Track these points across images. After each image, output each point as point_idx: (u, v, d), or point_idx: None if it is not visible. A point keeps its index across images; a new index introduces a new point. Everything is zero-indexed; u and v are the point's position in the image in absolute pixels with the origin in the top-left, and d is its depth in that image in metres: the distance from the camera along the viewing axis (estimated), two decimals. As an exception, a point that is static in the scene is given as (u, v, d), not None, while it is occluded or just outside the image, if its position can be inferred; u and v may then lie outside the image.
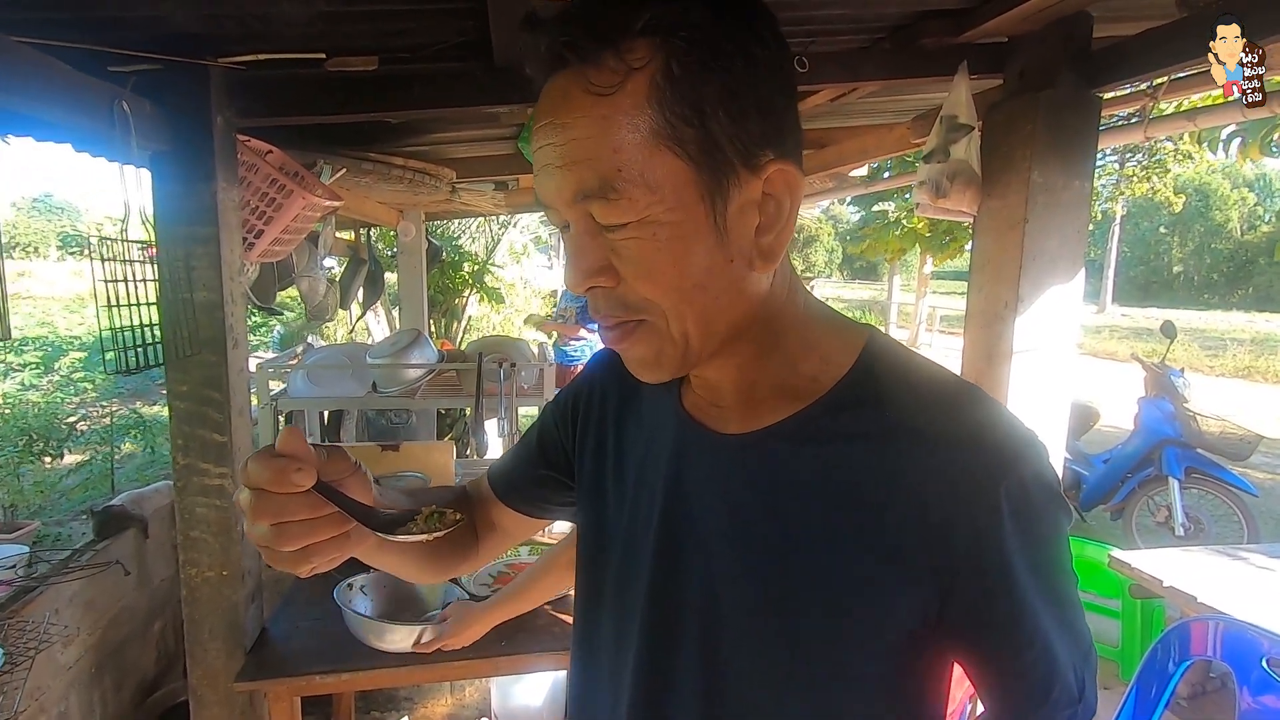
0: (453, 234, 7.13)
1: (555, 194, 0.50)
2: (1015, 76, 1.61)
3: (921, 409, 0.52)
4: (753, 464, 0.56)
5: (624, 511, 0.65)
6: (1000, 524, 0.49)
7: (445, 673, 1.68)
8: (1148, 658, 1.54)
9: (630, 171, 0.46)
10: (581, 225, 0.50)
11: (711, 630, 0.57)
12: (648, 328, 0.52)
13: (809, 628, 0.53)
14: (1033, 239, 1.55)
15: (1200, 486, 3.97)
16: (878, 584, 0.52)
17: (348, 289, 3.83)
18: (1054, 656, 0.53)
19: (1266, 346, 14.61)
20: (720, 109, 0.47)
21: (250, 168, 1.63)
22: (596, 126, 0.46)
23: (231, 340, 1.46)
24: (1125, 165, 13.78)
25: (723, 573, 0.57)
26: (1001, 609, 0.51)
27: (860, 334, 0.58)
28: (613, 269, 0.50)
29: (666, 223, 0.48)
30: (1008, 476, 0.50)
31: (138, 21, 1.23)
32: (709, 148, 0.47)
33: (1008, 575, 0.51)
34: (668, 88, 0.46)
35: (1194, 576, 2.16)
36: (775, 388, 0.56)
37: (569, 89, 0.47)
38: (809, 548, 0.53)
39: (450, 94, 1.60)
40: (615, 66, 0.46)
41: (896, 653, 0.53)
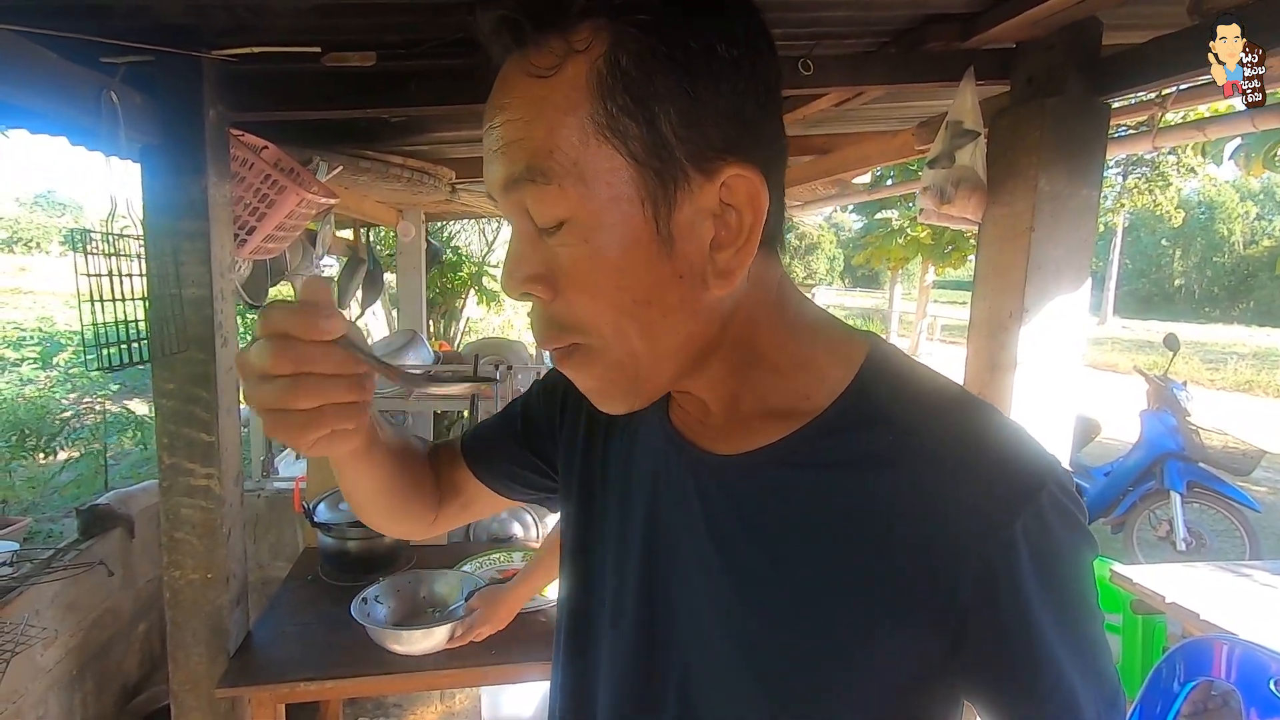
0: (451, 235, 7.12)
1: (491, 180, 0.47)
2: (1023, 83, 1.58)
3: (927, 431, 0.47)
4: (740, 489, 0.51)
5: (609, 520, 0.61)
6: (1017, 563, 0.44)
7: (434, 681, 1.65)
8: (1152, 676, 1.51)
9: (562, 157, 0.43)
10: (519, 224, 0.47)
11: (693, 667, 0.53)
12: (586, 352, 0.48)
13: (797, 671, 0.48)
14: (1039, 247, 1.52)
15: (1202, 501, 3.94)
16: (875, 625, 0.46)
17: (346, 288, 3.81)
18: (1078, 708, 0.47)
19: (1268, 361, 14.60)
20: (672, 107, 0.43)
21: (244, 163, 1.60)
22: (532, 108, 0.43)
23: (220, 338, 1.43)
24: (1128, 177, 13.78)
25: (704, 606, 0.52)
26: (1019, 657, 0.46)
27: (861, 345, 0.52)
28: (548, 279, 0.46)
29: (601, 225, 0.44)
30: (1025, 509, 0.44)
31: (127, 11, 1.21)
32: (655, 148, 0.43)
33: (1026, 620, 0.45)
34: (611, 76, 0.42)
35: (1196, 593, 2.13)
36: (764, 406, 0.51)
37: (510, 72, 0.45)
38: (799, 583, 0.48)
39: (449, 91, 1.58)
40: (556, 48, 0.42)
41: (894, 699, 0.48)
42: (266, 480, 2.21)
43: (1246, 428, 6.66)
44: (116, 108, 1.16)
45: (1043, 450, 0.47)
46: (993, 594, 0.44)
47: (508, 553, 1.95)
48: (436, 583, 1.64)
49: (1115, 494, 4.17)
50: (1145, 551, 4.01)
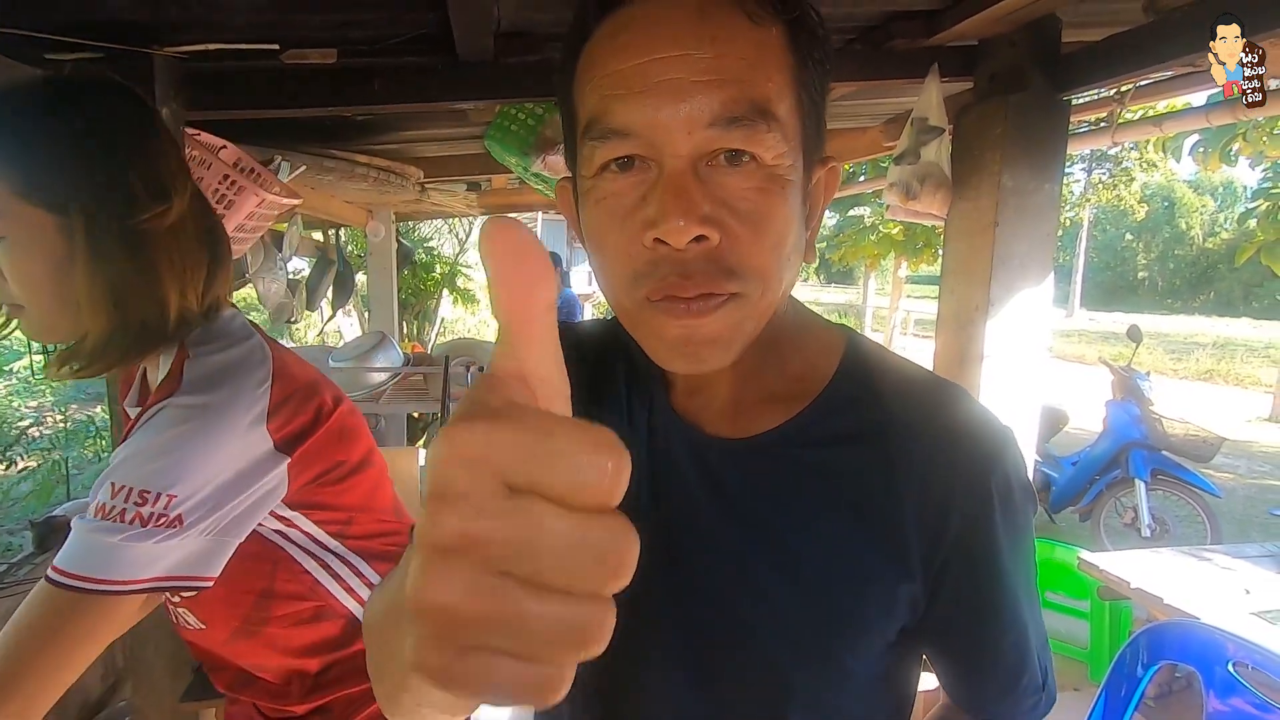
0: (424, 235, 7.04)
1: (677, 116, 0.42)
2: (985, 79, 1.60)
3: (909, 406, 0.53)
4: (749, 469, 0.54)
5: None
6: (992, 513, 0.50)
7: (406, 687, 1.63)
8: (1117, 661, 1.54)
9: (778, 108, 0.43)
10: (689, 164, 0.43)
11: (709, 643, 0.54)
12: (738, 301, 0.45)
13: (811, 633, 0.52)
14: (1003, 242, 1.55)
15: (1165, 488, 4.04)
16: (880, 583, 0.51)
17: (315, 290, 3.74)
18: (1027, 644, 0.54)
19: (1227, 350, 15.04)
20: (819, 93, 0.48)
21: (201, 163, 1.56)
22: (753, 49, 0.43)
23: (178, 343, 1.39)
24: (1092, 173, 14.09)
25: (719, 579, 0.54)
26: (987, 596, 0.52)
27: (839, 336, 0.57)
28: (720, 222, 0.43)
29: (788, 179, 0.45)
30: (996, 468, 0.51)
31: (73, 6, 1.17)
32: (811, 121, 0.47)
33: (996, 563, 0.52)
34: (798, 49, 0.45)
35: (1160, 578, 2.18)
36: (765, 392, 0.55)
37: (715, 7, 0.43)
38: (810, 551, 0.52)
39: (412, 89, 1.55)
40: (766, 5, 0.44)
41: (892, 650, 0.53)
42: (233, 487, 2.16)
43: (1209, 415, 6.87)
44: (63, 106, 1.12)
45: (1000, 421, 0.53)
46: (971, 541, 0.51)
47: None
48: None
49: (1083, 483, 4.26)
50: (1112, 538, 4.10)
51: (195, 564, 0.69)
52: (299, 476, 0.76)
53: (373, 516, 0.87)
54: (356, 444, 0.83)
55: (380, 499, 0.89)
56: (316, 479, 0.78)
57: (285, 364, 0.77)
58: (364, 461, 0.85)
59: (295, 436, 0.75)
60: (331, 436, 0.78)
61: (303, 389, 0.77)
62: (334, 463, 0.80)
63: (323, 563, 0.82)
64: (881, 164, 4.35)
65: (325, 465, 0.79)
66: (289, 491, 0.76)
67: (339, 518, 0.82)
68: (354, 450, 0.83)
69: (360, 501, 0.85)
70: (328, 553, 0.82)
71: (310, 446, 0.76)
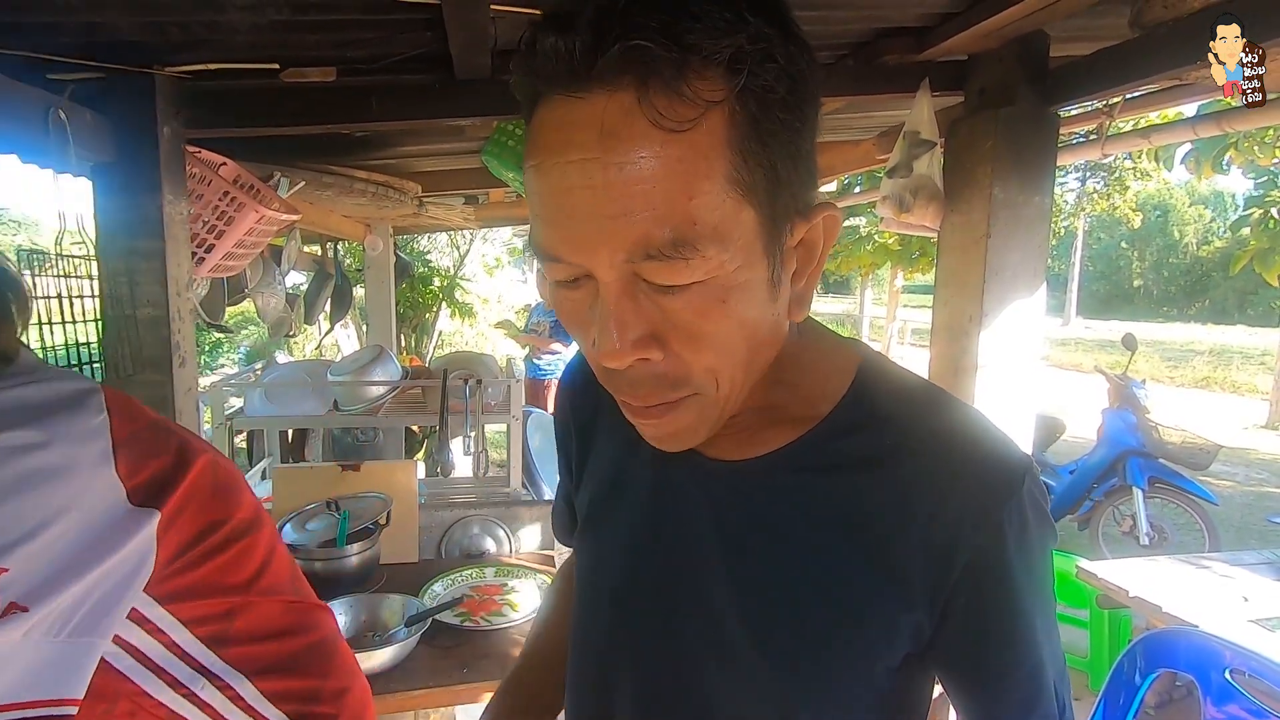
0: (422, 249, 7.07)
1: (593, 248, 0.40)
2: (975, 94, 1.63)
3: (921, 432, 0.51)
4: (751, 492, 0.53)
5: (618, 527, 0.61)
6: (1004, 544, 0.48)
7: (405, 702, 1.62)
8: (1115, 669, 1.54)
9: (705, 226, 0.39)
10: (621, 286, 0.42)
11: (704, 669, 0.55)
12: (697, 399, 0.46)
13: (809, 656, 0.51)
14: (995, 254, 1.56)
15: (1163, 496, 4.04)
16: (880, 609, 0.50)
17: (313, 304, 3.76)
18: (1043, 676, 0.52)
19: (1223, 358, 15.08)
20: (787, 151, 0.42)
21: (202, 180, 1.58)
22: (666, 168, 0.38)
23: (178, 358, 1.40)
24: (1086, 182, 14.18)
25: (719, 600, 0.54)
26: (998, 628, 0.51)
27: (852, 354, 0.55)
28: (660, 339, 0.43)
29: (735, 285, 0.42)
30: (1010, 500, 0.49)
31: (76, 27, 1.19)
32: (775, 193, 0.42)
33: (1008, 595, 0.50)
34: (745, 125, 0.39)
35: (1159, 586, 2.19)
36: (772, 414, 0.54)
37: (624, 120, 0.38)
38: (810, 575, 0.51)
39: (410, 106, 1.57)
40: (691, 97, 0.37)
41: (892, 676, 0.52)
42: (231, 502, 2.16)
43: (1206, 423, 6.88)
44: (65, 126, 1.14)
45: (1019, 448, 0.51)
46: (982, 574, 0.49)
47: (479, 569, 1.93)
48: (380, 607, 1.62)
49: (1080, 491, 4.26)
50: (1110, 547, 4.11)
51: (47, 680, 0.49)
52: (170, 543, 0.55)
53: (266, 602, 0.64)
54: (239, 497, 0.63)
55: (276, 572, 0.66)
56: (193, 545, 0.57)
57: (122, 399, 0.59)
58: (255, 521, 0.64)
59: (158, 483, 0.55)
60: (205, 484, 0.59)
61: (152, 424, 0.59)
62: (213, 521, 0.59)
63: (189, 693, 0.57)
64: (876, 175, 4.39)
65: (203, 524, 0.58)
66: (155, 569, 0.54)
67: (220, 608, 0.60)
68: (238, 506, 0.62)
69: (250, 578, 0.62)
70: (198, 676, 0.58)
71: (181, 497, 0.56)
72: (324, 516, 1.87)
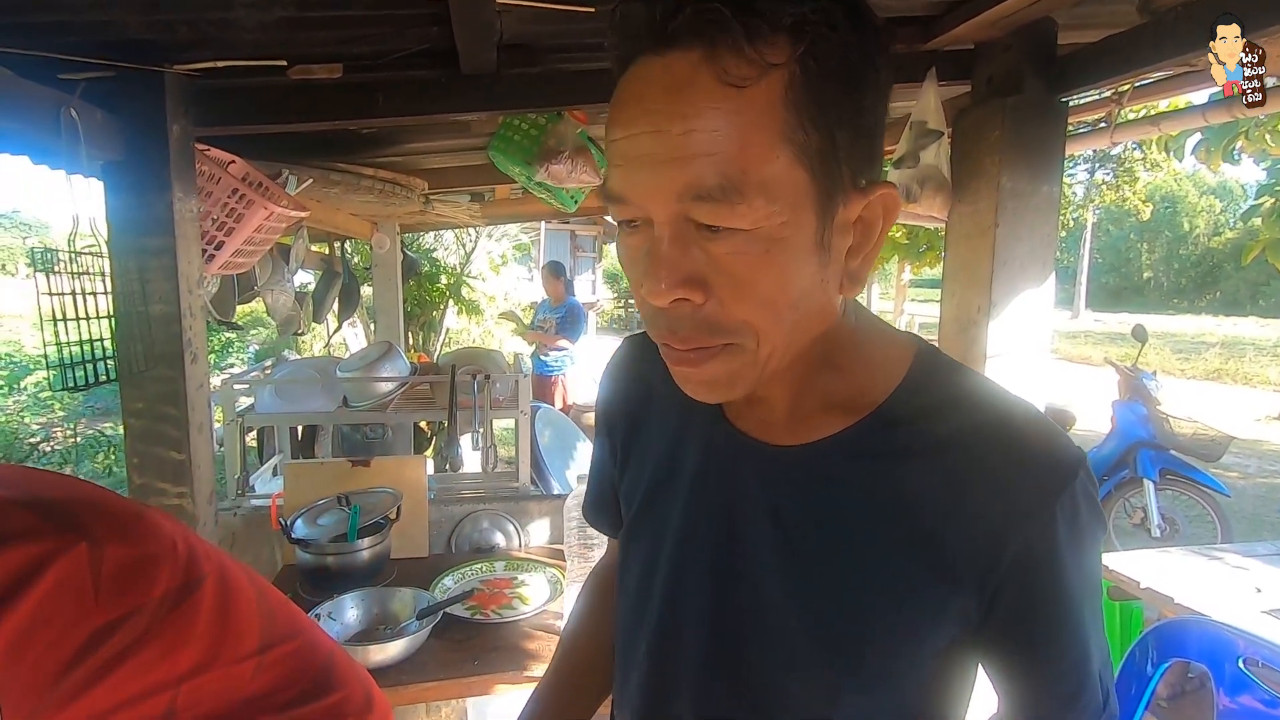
0: (428, 247, 7.09)
1: (652, 188, 0.44)
2: (983, 83, 1.62)
3: (974, 425, 0.52)
4: (803, 477, 0.55)
5: (663, 517, 0.63)
6: (1055, 535, 0.49)
7: (417, 694, 1.64)
8: (1126, 659, 1.54)
9: (754, 175, 0.43)
10: (673, 228, 0.45)
11: (758, 639, 0.56)
12: (732, 351, 0.48)
13: (854, 639, 0.53)
14: (1003, 244, 1.56)
15: (1174, 487, 4.01)
16: (925, 595, 0.51)
17: (321, 302, 3.78)
18: (1088, 664, 0.53)
19: (1234, 349, 14.95)
20: (846, 122, 0.45)
21: (210, 178, 1.59)
22: (724, 119, 0.42)
23: (190, 355, 1.41)
24: (1095, 174, 14.07)
25: (770, 581, 0.55)
26: (1045, 616, 0.52)
27: (908, 346, 0.57)
28: (704, 283, 0.46)
29: (779, 239, 0.45)
30: (1062, 492, 0.49)
31: (86, 27, 1.20)
32: (830, 160, 0.45)
33: (1056, 585, 0.51)
34: (804, 89, 0.43)
35: (1170, 577, 2.18)
36: (826, 401, 0.55)
37: (691, 75, 0.42)
38: (858, 559, 0.53)
39: (417, 102, 1.58)
40: (754, 58, 0.41)
41: (939, 659, 0.53)
42: (243, 498, 2.17)
43: (1217, 415, 6.82)
44: (76, 125, 1.15)
45: (1073, 443, 0.52)
46: (1031, 565, 0.50)
47: (489, 562, 1.94)
48: (390, 600, 1.63)
49: (1091, 484, 4.23)
50: (1122, 539, 4.08)
51: None
52: (30, 686, 0.42)
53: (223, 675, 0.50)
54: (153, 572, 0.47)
55: (234, 631, 0.51)
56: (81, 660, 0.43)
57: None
58: (186, 585, 0.48)
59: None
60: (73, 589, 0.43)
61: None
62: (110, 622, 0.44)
63: None
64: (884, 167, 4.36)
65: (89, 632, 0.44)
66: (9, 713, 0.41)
67: (153, 712, 0.46)
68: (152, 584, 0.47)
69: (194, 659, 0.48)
70: None
71: (24, 614, 0.41)
72: (335, 511, 1.88)
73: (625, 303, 23.03)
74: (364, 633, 1.57)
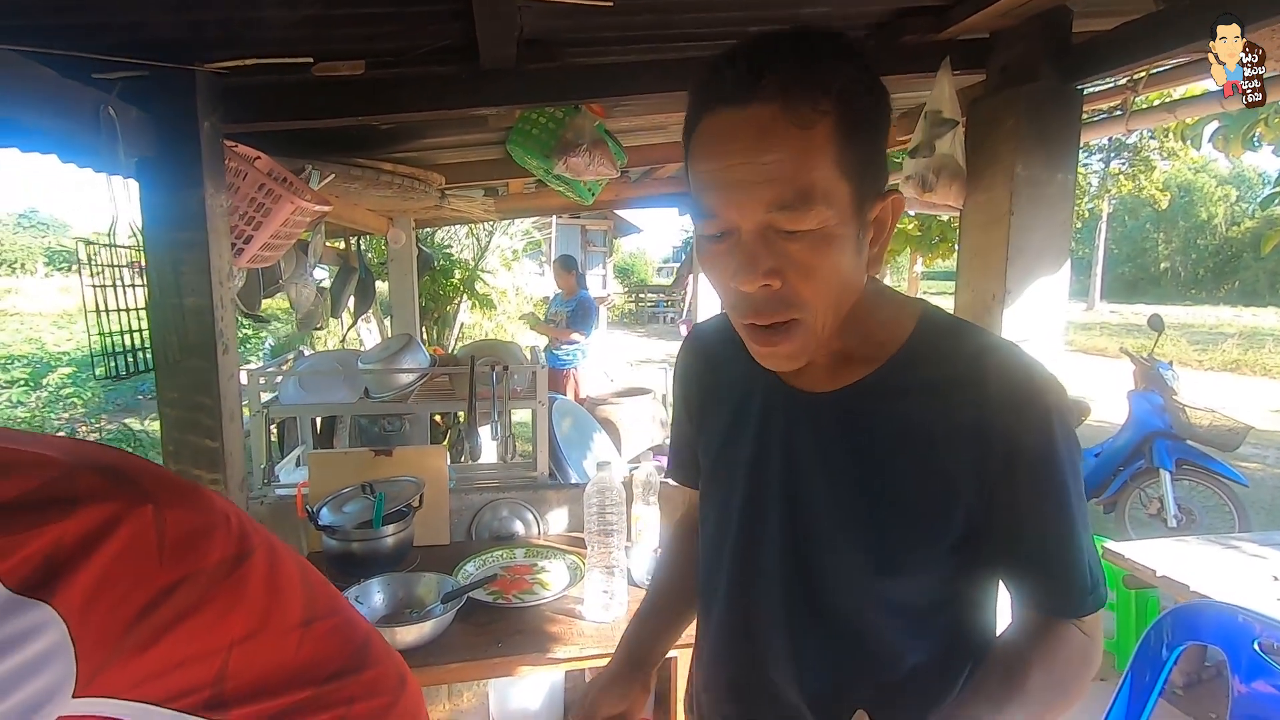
0: (442, 242, 7.13)
1: (746, 204, 0.60)
2: (997, 72, 1.62)
3: (969, 361, 0.67)
4: (839, 414, 0.71)
5: (736, 459, 0.79)
6: (1052, 431, 0.65)
7: (441, 675, 1.67)
8: (1141, 644, 1.54)
9: (819, 189, 0.59)
10: (757, 234, 0.62)
11: (816, 542, 0.72)
12: (799, 325, 0.65)
13: (878, 536, 0.69)
14: (1018, 232, 1.57)
15: (1191, 478, 3.99)
16: (932, 500, 0.67)
17: (338, 297, 3.83)
18: (1081, 550, 0.67)
19: (1254, 340, 14.74)
20: (869, 149, 0.63)
21: (238, 173, 1.63)
22: (796, 151, 0.59)
23: (222, 345, 1.45)
24: (1111, 164, 13.89)
25: (818, 499, 0.72)
26: (1034, 508, 0.66)
27: (915, 307, 0.73)
28: (780, 272, 0.62)
29: (835, 235, 0.61)
30: (1054, 409, 0.65)
31: (121, 27, 1.23)
32: (863, 176, 0.62)
33: (1042, 481, 0.65)
34: (846, 129, 0.60)
35: (1187, 565, 2.18)
36: (854, 354, 0.71)
37: (771, 121, 0.59)
38: (879, 475, 0.68)
39: (438, 97, 1.61)
40: (814, 109, 0.59)
41: (952, 556, 0.69)
42: (268, 487, 2.22)
43: (1235, 406, 6.75)
44: (115, 122, 1.19)
45: (1046, 369, 0.67)
46: (1018, 461, 0.65)
47: (509, 549, 1.97)
48: (415, 585, 1.67)
49: (1106, 474, 4.22)
50: (1137, 530, 4.06)
51: None
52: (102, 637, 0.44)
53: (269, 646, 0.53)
54: (206, 543, 0.51)
55: (282, 603, 0.54)
56: (142, 619, 0.46)
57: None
58: (238, 556, 0.52)
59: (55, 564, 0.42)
60: (138, 550, 0.46)
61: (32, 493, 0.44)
62: (169, 584, 0.48)
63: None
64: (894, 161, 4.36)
65: (151, 593, 0.47)
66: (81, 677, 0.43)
67: (207, 674, 0.49)
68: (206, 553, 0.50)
69: (243, 627, 0.51)
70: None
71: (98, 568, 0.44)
72: (359, 499, 1.92)
73: (635, 298, 23.03)
74: (390, 616, 1.61)
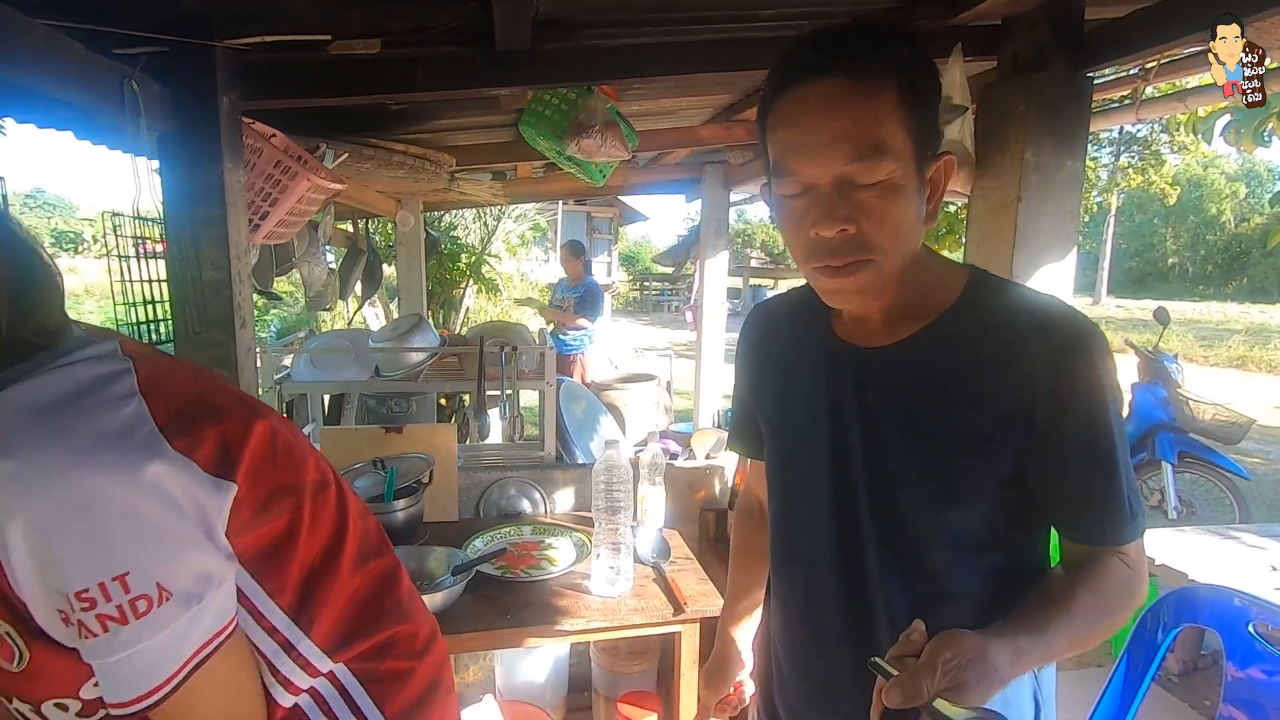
0: (449, 225, 7.14)
1: (824, 160, 0.70)
2: (1008, 58, 1.63)
3: (1014, 312, 0.76)
4: (894, 367, 0.79)
5: (793, 417, 0.89)
6: (1097, 373, 0.72)
7: (452, 645, 1.69)
8: (1137, 627, 1.57)
9: (887, 144, 0.69)
10: (833, 186, 0.71)
11: (883, 484, 0.80)
12: (870, 266, 0.73)
13: (949, 470, 0.76)
14: (1026, 219, 1.58)
15: (1193, 470, 4.01)
16: (986, 438, 0.74)
17: (346, 280, 3.85)
18: (1122, 482, 0.74)
19: (1261, 336, 14.68)
20: (926, 113, 0.72)
21: (255, 150, 1.65)
22: (868, 112, 0.69)
23: (239, 319, 1.48)
24: (1120, 157, 13.80)
25: (885, 443, 0.79)
26: (1093, 436, 0.72)
27: (964, 270, 0.82)
28: (854, 219, 0.71)
29: (901, 186, 0.70)
30: (1100, 344, 0.73)
31: (144, 2, 1.25)
32: (922, 136, 0.71)
33: (1102, 411, 0.72)
34: (907, 94, 0.70)
35: (1186, 554, 2.20)
36: (907, 311, 0.80)
37: (844, 91, 0.69)
38: (936, 416, 0.76)
39: (452, 77, 1.62)
40: (880, 79, 0.69)
41: (1007, 489, 0.76)
42: (280, 463, 2.26)
43: (1240, 402, 6.75)
44: (138, 97, 1.21)
45: (1088, 318, 0.74)
46: (1064, 400, 0.72)
47: (517, 526, 2.01)
48: (426, 558, 1.70)
49: (1108, 466, 4.23)
50: (1138, 521, 4.09)
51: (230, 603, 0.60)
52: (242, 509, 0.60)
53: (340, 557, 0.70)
54: (303, 461, 0.67)
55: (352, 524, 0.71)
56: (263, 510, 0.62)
57: (158, 379, 0.58)
58: (321, 482, 0.69)
59: (226, 453, 0.58)
60: (266, 451, 0.62)
61: (198, 396, 0.60)
62: (281, 485, 0.63)
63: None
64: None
65: (270, 488, 0.62)
66: (231, 525, 0.59)
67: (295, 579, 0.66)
68: (303, 469, 0.66)
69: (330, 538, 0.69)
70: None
71: (248, 465, 0.60)
72: (371, 475, 1.96)
73: (640, 285, 22.99)
74: (401, 587, 1.65)
